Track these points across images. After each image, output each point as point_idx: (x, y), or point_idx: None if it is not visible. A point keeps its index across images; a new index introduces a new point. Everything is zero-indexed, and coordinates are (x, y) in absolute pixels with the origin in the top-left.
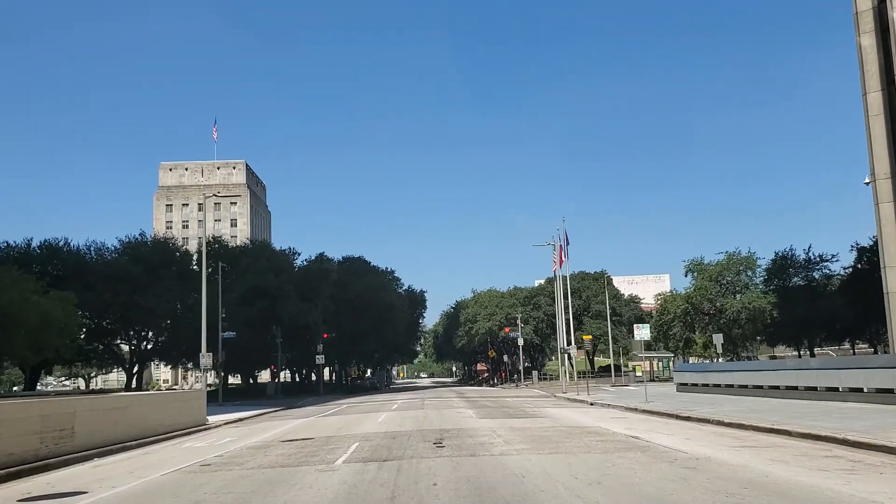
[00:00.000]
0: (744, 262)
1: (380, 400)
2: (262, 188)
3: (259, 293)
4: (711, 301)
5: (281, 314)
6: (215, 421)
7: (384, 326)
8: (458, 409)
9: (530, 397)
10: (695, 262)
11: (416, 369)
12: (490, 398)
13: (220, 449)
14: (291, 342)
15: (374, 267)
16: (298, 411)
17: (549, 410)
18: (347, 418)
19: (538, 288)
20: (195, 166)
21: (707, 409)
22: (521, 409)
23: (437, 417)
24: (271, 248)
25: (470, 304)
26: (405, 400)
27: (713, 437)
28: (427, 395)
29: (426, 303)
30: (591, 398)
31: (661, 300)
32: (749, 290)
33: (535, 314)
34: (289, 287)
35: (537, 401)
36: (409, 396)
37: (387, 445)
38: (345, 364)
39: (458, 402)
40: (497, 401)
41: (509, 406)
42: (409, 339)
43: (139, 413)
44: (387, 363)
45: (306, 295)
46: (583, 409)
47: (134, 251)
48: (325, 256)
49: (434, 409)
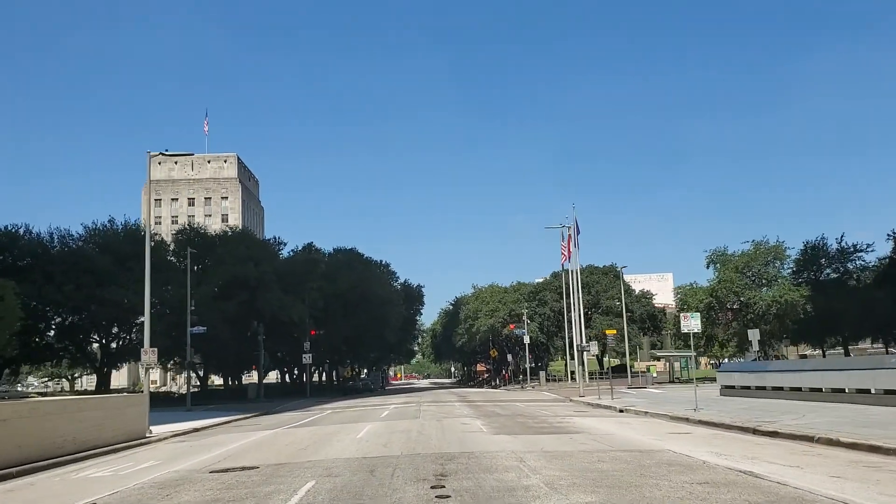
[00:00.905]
0: (772, 252)
1: (370, 404)
2: (254, 183)
3: (238, 285)
4: (737, 294)
5: (262, 308)
6: (161, 432)
7: (378, 323)
8: (463, 419)
9: (543, 402)
10: (717, 253)
11: (414, 370)
12: (497, 402)
13: (115, 485)
14: (277, 340)
15: (367, 259)
16: (271, 419)
17: (577, 421)
18: (321, 431)
19: (544, 283)
20: (185, 160)
21: (789, 419)
22: (541, 418)
23: (437, 432)
24: (252, 235)
25: (470, 301)
26: (398, 405)
27: (866, 472)
28: (424, 398)
29: (424, 298)
30: (618, 403)
31: (680, 293)
32: (778, 283)
33: (541, 310)
34: (271, 278)
35: (554, 406)
36: (403, 400)
37: (356, 487)
38: (337, 364)
39: (461, 408)
40: (507, 406)
41: (524, 414)
42: (405, 336)
43: (31, 427)
44: (383, 363)
45: (291, 287)
46: (618, 418)
47: (101, 240)
48: (313, 247)
49: (432, 417)
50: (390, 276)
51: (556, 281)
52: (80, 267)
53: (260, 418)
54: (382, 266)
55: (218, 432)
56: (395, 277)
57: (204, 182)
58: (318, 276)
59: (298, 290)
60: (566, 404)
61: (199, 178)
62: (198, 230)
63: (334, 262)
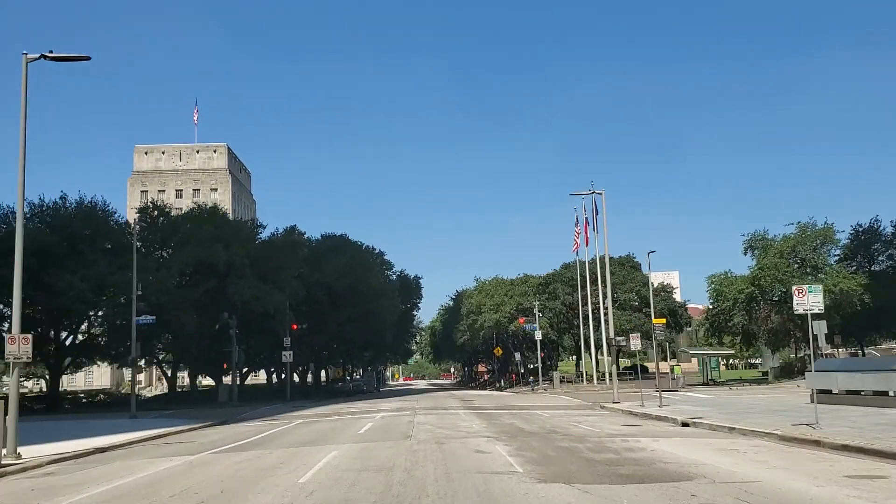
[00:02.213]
0: (821, 235)
1: (354, 411)
2: (246, 175)
3: (205, 270)
4: (783, 283)
5: (232, 297)
6: (35, 456)
7: (371, 318)
8: (476, 441)
9: (571, 409)
10: (757, 237)
11: (413, 370)
12: (512, 410)
13: None
14: (257, 336)
15: (357, 244)
16: (216, 433)
17: (648, 445)
18: (256, 463)
19: (554, 274)
20: (173, 150)
21: None
22: (592, 439)
23: (437, 469)
24: (223, 214)
25: (473, 295)
26: (387, 412)
27: None
28: (421, 402)
29: (422, 291)
30: (671, 412)
31: (714, 284)
32: (825, 271)
33: (551, 304)
34: (243, 262)
35: (591, 417)
36: (395, 405)
37: None
38: (326, 363)
39: (468, 418)
40: (529, 417)
41: (561, 431)
42: (401, 333)
43: None
44: (378, 363)
45: (269, 274)
46: (706, 440)
47: (50, 218)
48: (296, 230)
49: (429, 437)
50: (385, 266)
51: (568, 272)
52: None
53: (205, 431)
54: (376, 254)
55: (116, 458)
56: (390, 267)
57: (192, 173)
58: (299, 262)
59: (277, 277)
60: (604, 414)
61: (188, 169)
62: (162, 208)
63: (320, 248)
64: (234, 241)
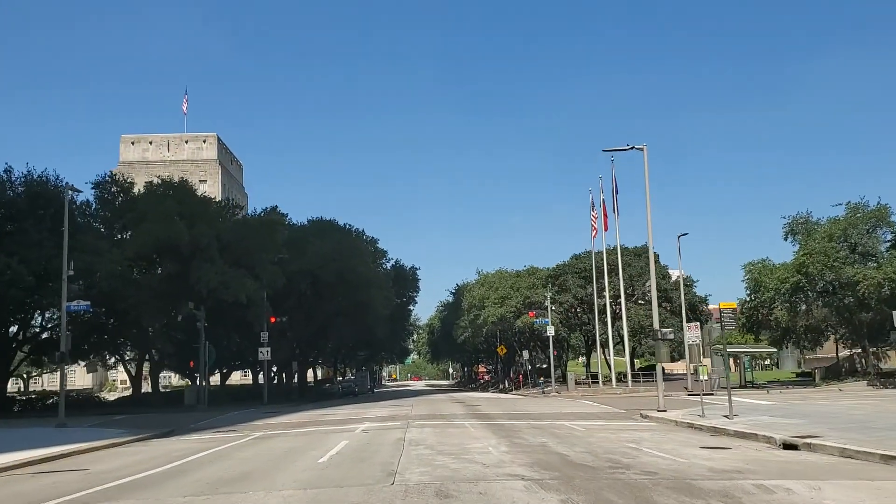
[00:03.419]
0: (873, 217)
1: (332, 420)
2: (238, 168)
3: (165, 252)
4: (834, 270)
5: (196, 284)
6: None
7: (361, 310)
8: (512, 497)
9: (603, 419)
10: (799, 219)
11: (410, 371)
12: (533, 421)
13: None
14: (232, 331)
15: (346, 228)
16: (137, 453)
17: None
18: None
19: (565, 265)
20: (160, 140)
21: None
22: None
23: None
24: (185, 186)
25: (475, 288)
26: (372, 424)
27: None
28: (416, 408)
29: (419, 284)
30: (753, 426)
31: (752, 273)
32: (877, 258)
33: (562, 298)
34: (210, 243)
35: (639, 433)
36: (386, 412)
37: None
38: (313, 362)
39: (483, 440)
40: (565, 436)
41: (632, 462)
42: (396, 330)
43: None
44: (373, 363)
45: (241, 258)
46: (880, 482)
47: None
48: (277, 210)
49: (428, 485)
50: (379, 255)
51: (580, 263)
52: None
53: (121, 451)
54: (367, 240)
55: None
56: (384, 255)
57: (180, 164)
58: (277, 246)
59: (252, 262)
60: (656, 427)
61: (176, 160)
62: (121, 182)
63: (304, 232)
64: (201, 219)
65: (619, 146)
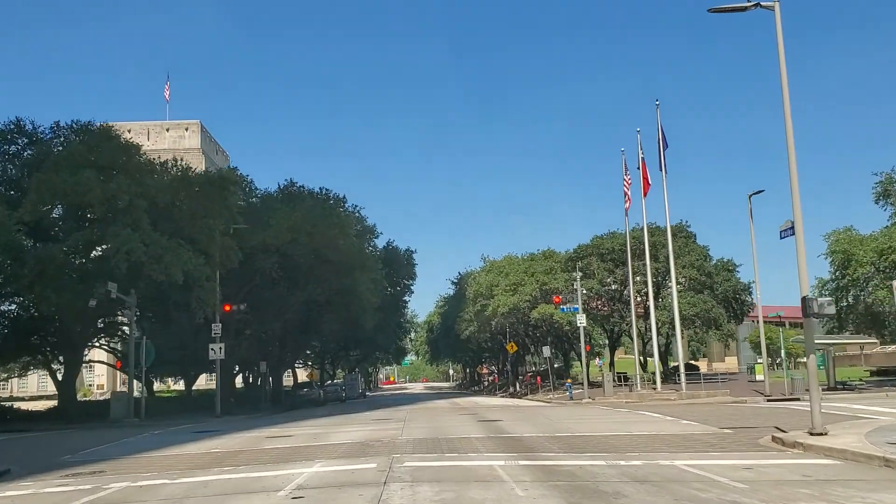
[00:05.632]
0: None
1: (280, 449)
2: (223, 157)
3: (72, 214)
4: None
5: (115, 256)
6: None
7: (343, 298)
8: None
9: (713, 448)
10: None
11: (409, 372)
12: (604, 455)
13: None
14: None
15: (320, 193)
16: None
17: None
18: None
19: (588, 246)
20: (140, 128)
21: None
22: None
23: None
24: (108, 131)
25: (481, 275)
26: (325, 469)
27: None
28: (411, 423)
29: (415, 269)
30: None
31: (836, 245)
32: None
33: (585, 285)
34: (132, 202)
35: (824, 483)
36: (366, 432)
37: None
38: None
39: None
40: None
41: None
42: (388, 321)
43: None
44: (366, 364)
45: (181, 227)
46: None
47: None
48: (236, 171)
49: None
50: (368, 232)
51: (608, 242)
52: None
53: None
54: (348, 210)
55: None
56: (373, 232)
57: (162, 153)
58: (230, 211)
59: (195, 232)
60: (848, 467)
61: (157, 149)
62: (24, 128)
63: (270, 201)
64: (119, 169)
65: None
